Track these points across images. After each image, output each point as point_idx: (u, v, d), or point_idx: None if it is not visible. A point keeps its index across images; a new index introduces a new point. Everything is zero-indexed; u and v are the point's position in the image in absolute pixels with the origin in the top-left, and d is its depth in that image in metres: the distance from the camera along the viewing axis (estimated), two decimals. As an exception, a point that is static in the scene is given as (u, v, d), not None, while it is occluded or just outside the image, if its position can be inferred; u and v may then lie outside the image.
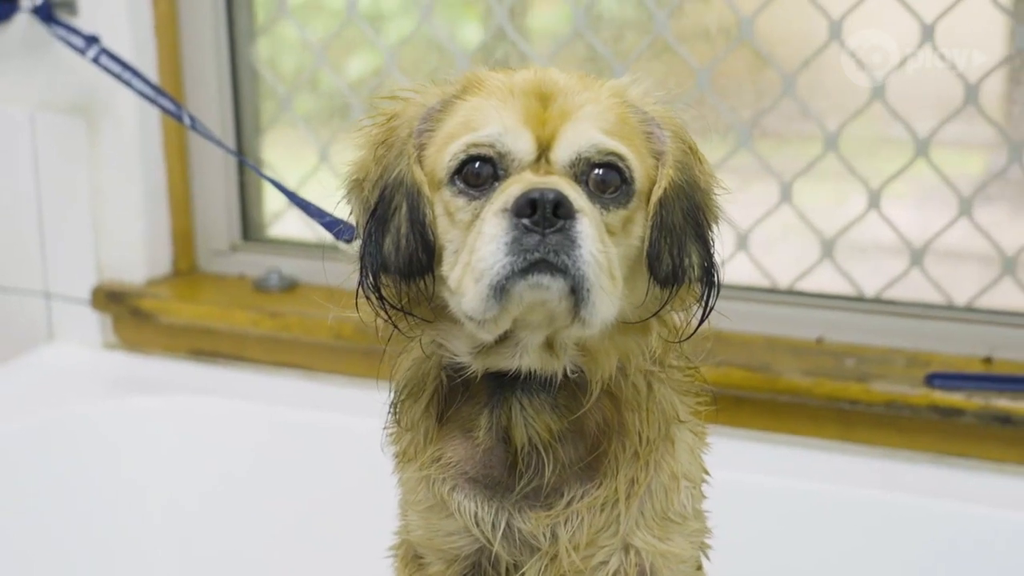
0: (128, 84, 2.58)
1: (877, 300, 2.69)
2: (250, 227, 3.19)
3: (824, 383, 2.47)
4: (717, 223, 1.57)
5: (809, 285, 2.75)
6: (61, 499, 2.75)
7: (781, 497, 2.48)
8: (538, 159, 1.46)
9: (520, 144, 1.45)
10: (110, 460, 2.81)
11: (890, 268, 2.69)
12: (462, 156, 1.46)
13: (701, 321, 1.58)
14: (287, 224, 3.17)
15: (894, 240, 2.66)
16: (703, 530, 1.68)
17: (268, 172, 3.05)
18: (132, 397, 2.90)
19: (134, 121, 2.97)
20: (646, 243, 1.49)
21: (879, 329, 2.64)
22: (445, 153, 1.47)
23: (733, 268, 2.77)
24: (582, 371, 1.53)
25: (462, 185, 1.46)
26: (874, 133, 2.68)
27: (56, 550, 2.70)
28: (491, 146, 1.46)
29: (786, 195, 2.70)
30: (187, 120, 2.45)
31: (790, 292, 2.75)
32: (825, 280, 2.74)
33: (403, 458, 1.64)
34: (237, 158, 2.74)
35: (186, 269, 3.15)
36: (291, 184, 2.50)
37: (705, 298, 1.55)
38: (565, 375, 1.52)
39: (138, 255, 3.06)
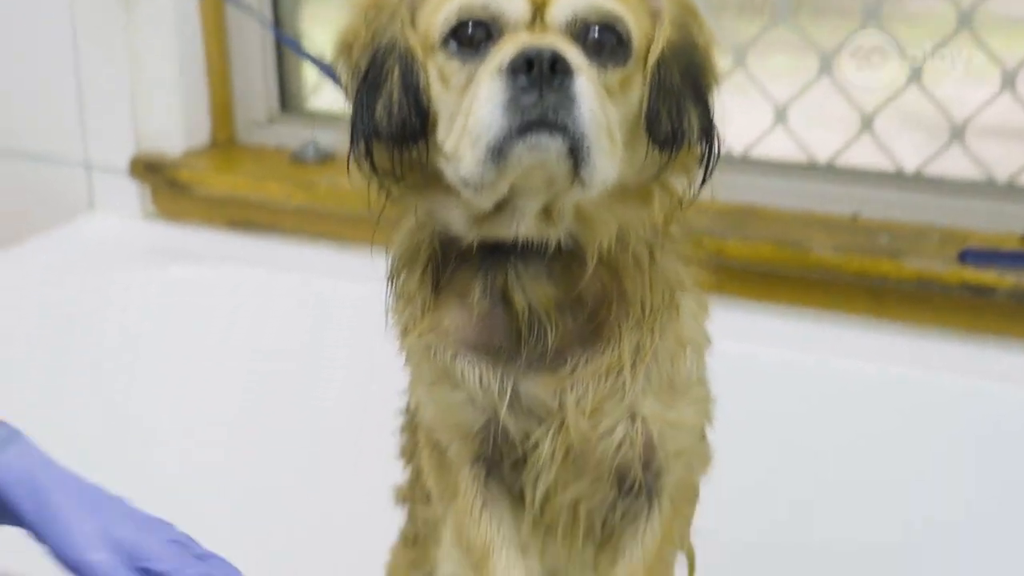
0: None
1: (916, 176, 2.64)
2: (288, 99, 3.18)
3: (855, 259, 2.43)
4: (717, 84, 1.53)
5: (847, 161, 2.70)
6: (100, 365, 2.78)
7: (809, 373, 2.45)
8: (533, 20, 1.42)
9: (514, 4, 1.42)
10: (145, 329, 2.83)
11: (930, 144, 2.63)
12: (454, 20, 1.42)
13: (702, 183, 1.53)
14: (325, 96, 3.15)
15: (935, 115, 2.61)
16: (708, 397, 1.67)
17: (307, 46, 3.04)
18: (167, 267, 2.91)
19: (170, -10, 2.96)
20: (644, 104, 1.46)
21: (916, 206, 2.59)
22: (438, 16, 1.44)
23: (771, 143, 2.74)
24: (577, 243, 1.50)
25: (455, 48, 1.43)
26: (917, 6, 2.61)
27: (92, 415, 2.73)
28: (484, 8, 1.42)
29: (826, 68, 2.65)
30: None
31: (827, 168, 2.70)
32: (864, 156, 2.69)
33: (404, 333, 1.63)
34: (272, 32, 2.71)
35: (224, 140, 3.15)
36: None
37: (705, 161, 1.51)
38: (559, 247, 1.49)
39: (176, 125, 3.06)
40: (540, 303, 1.52)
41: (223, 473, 2.80)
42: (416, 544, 1.97)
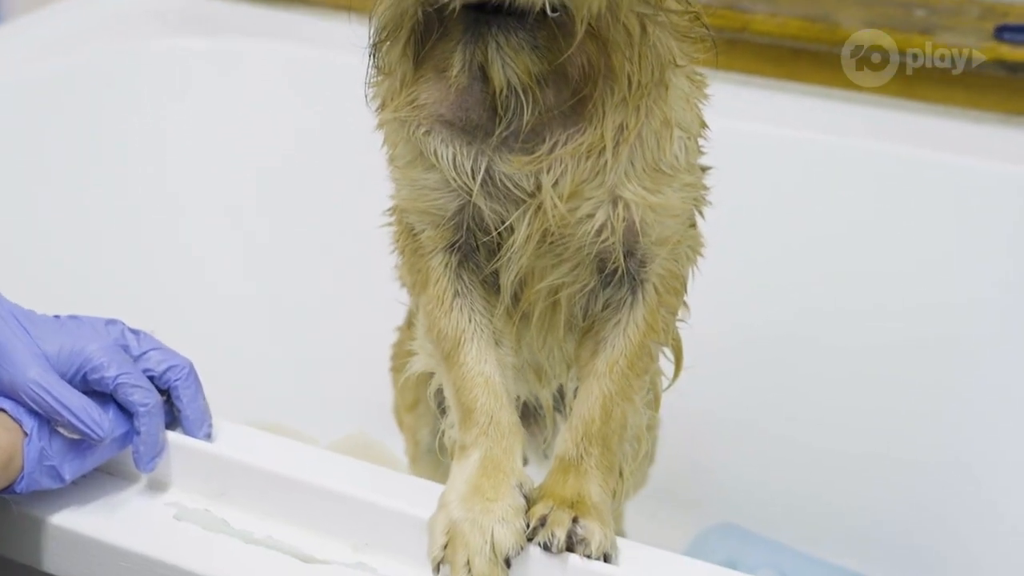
0: None
1: (959, -52, 2.50)
2: None
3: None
4: None
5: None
6: (131, 132, 2.74)
7: (836, 155, 2.37)
8: None
9: None
10: (165, 99, 2.78)
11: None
12: None
13: None
14: None
15: None
16: (698, 185, 1.57)
17: None
18: (188, 38, 2.83)
19: None
20: None
21: (956, -22, 2.46)
22: None
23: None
24: (565, 9, 1.40)
25: None
26: None
27: (112, 186, 2.70)
28: None
29: None
30: None
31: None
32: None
33: (382, 107, 1.55)
34: None
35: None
36: None
37: None
38: (544, 12, 1.39)
39: None
40: (520, 77, 1.43)
41: (239, 245, 2.78)
42: (412, 327, 1.92)
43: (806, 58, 2.41)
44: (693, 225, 1.60)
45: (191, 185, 2.77)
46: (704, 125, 1.57)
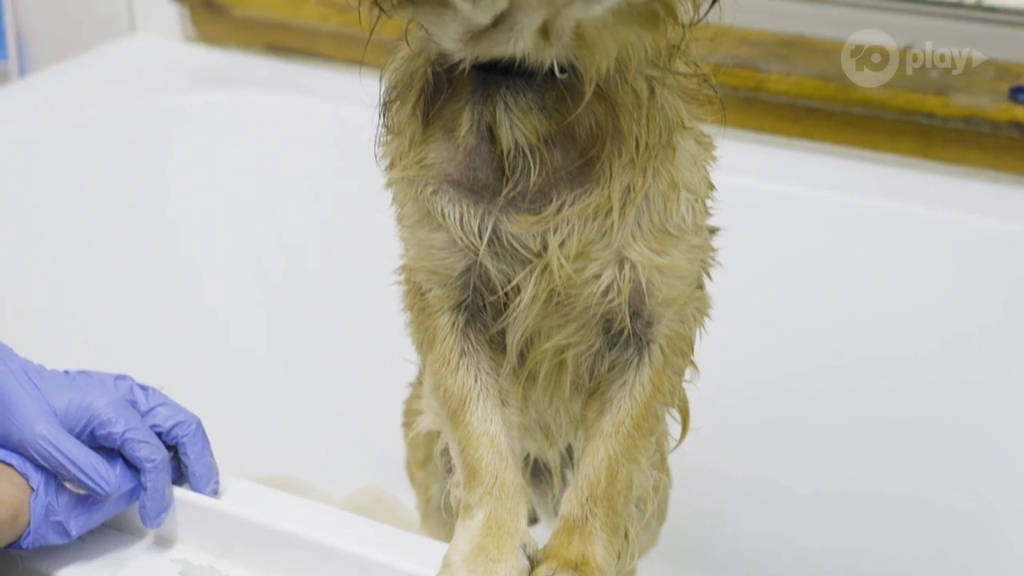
0: None
1: (975, 6, 2.49)
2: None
3: (900, 95, 2.31)
4: None
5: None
6: (135, 187, 2.75)
7: (851, 214, 2.36)
8: None
9: None
10: (179, 151, 2.80)
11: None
12: None
13: (714, 2, 1.43)
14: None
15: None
16: (705, 246, 1.57)
17: None
18: (201, 92, 2.86)
19: None
20: None
21: (974, 38, 2.44)
22: None
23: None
24: (574, 70, 1.41)
25: None
26: None
27: (125, 236, 2.72)
28: None
29: None
30: None
31: (882, -4, 2.57)
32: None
33: (391, 166, 1.56)
34: None
35: (267, -41, 3.06)
36: None
37: None
38: (552, 73, 1.40)
39: (216, -57, 2.99)
40: (528, 138, 1.43)
41: (253, 295, 2.79)
42: (422, 383, 1.93)
43: (821, 117, 2.41)
44: (700, 287, 1.60)
45: (205, 238, 2.78)
46: (711, 187, 1.57)
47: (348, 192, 2.70)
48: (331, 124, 2.75)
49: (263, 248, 2.78)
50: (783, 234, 2.38)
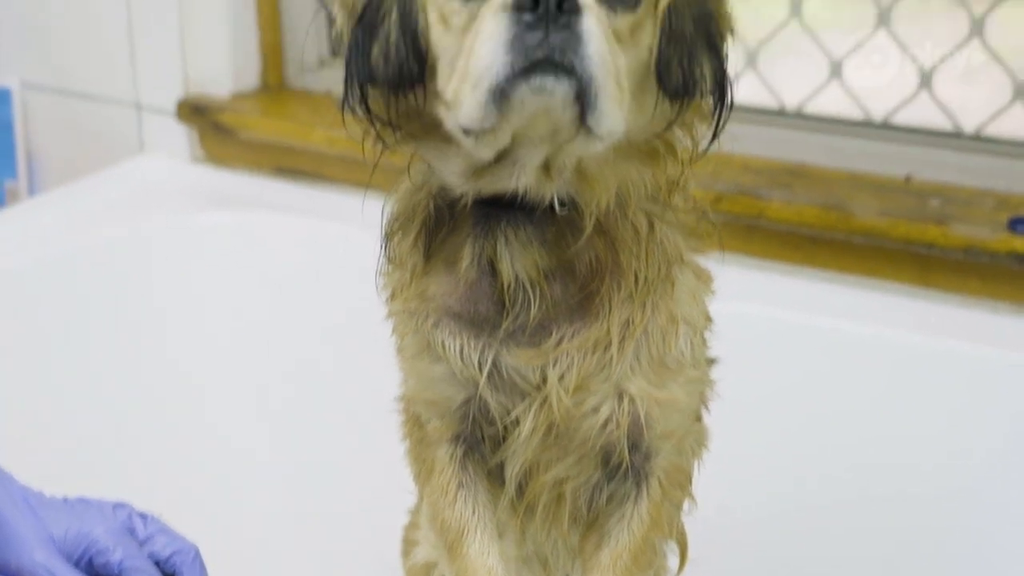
0: None
1: (975, 137, 2.52)
2: (338, 40, 3.11)
3: (900, 225, 2.33)
4: (731, 33, 1.44)
5: (904, 119, 2.59)
6: (144, 307, 2.77)
7: (851, 343, 2.37)
8: None
9: None
10: (187, 274, 2.82)
11: (992, 102, 2.51)
12: None
13: (712, 139, 1.45)
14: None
15: (997, 73, 2.49)
16: (704, 379, 1.58)
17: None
18: (209, 213, 2.88)
19: (221, -73, 2.91)
20: (654, 52, 1.37)
21: (973, 168, 2.47)
22: None
23: (825, 99, 2.64)
24: (574, 204, 1.43)
25: None
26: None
27: (135, 356, 2.72)
28: None
29: (884, 20, 2.54)
30: None
31: (883, 126, 2.59)
32: (922, 114, 2.57)
33: (392, 298, 1.57)
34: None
35: (275, 84, 3.10)
36: None
37: (717, 114, 1.43)
38: (553, 208, 1.42)
39: (224, 68, 3.02)
40: (528, 273, 1.45)
41: (258, 419, 2.79)
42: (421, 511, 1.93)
43: (822, 245, 2.43)
44: (699, 419, 1.61)
45: (212, 359, 2.79)
46: (710, 320, 1.58)
47: (354, 314, 2.71)
48: (338, 246, 2.77)
49: (268, 372, 2.79)
50: (784, 360, 2.39)
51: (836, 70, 2.60)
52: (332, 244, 2.79)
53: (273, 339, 2.79)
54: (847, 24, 2.61)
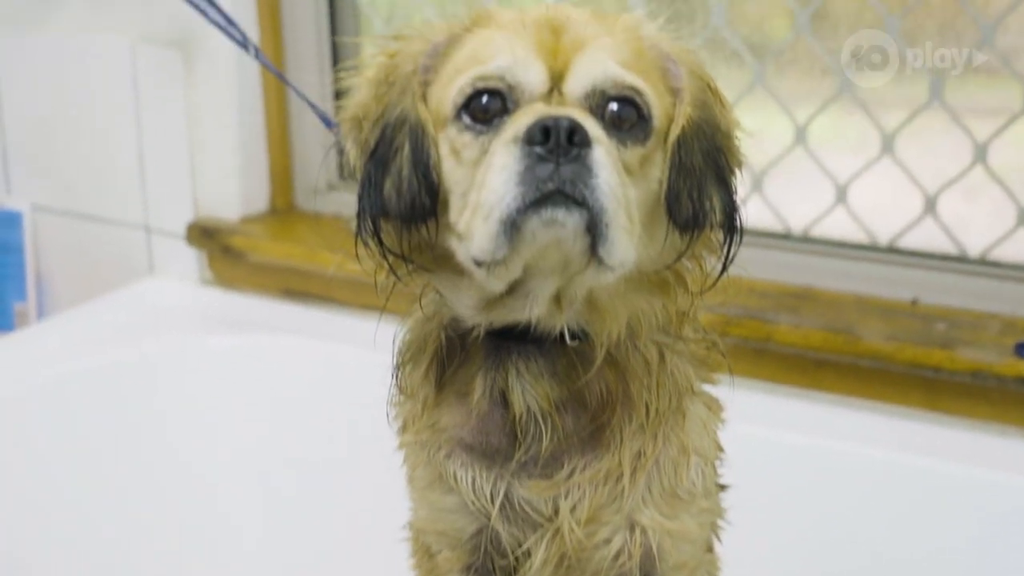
0: (204, 13, 2.55)
1: (980, 261, 2.54)
2: (348, 166, 3.14)
3: (907, 348, 2.34)
4: (740, 167, 1.47)
5: (909, 243, 2.60)
6: (153, 429, 2.77)
7: (860, 466, 2.36)
8: (550, 92, 1.37)
9: (531, 75, 1.36)
10: (197, 395, 2.83)
11: (996, 227, 2.53)
12: (469, 90, 1.37)
13: (723, 270, 1.47)
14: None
15: (1000, 197, 2.51)
16: (715, 510, 1.59)
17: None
18: (217, 336, 2.89)
19: (231, 56, 2.93)
20: (664, 185, 1.40)
21: (979, 292, 2.49)
22: (451, 88, 1.39)
23: (831, 222, 2.66)
24: (585, 336, 1.44)
25: (469, 120, 1.37)
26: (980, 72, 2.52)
27: (144, 476, 2.72)
28: (500, 78, 1.36)
29: (888, 148, 2.56)
30: (251, 51, 2.43)
31: (888, 249, 2.61)
32: (927, 238, 2.59)
33: (404, 428, 1.58)
34: (289, 86, 2.66)
35: (284, 207, 3.13)
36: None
37: (727, 245, 1.45)
38: (563, 339, 1.43)
39: (234, 192, 3.05)
40: (540, 404, 1.46)
41: (262, 547, 2.79)
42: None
43: (829, 368, 2.44)
44: (710, 549, 1.61)
45: (220, 480, 2.79)
46: (721, 449, 1.59)
47: (361, 439, 2.72)
48: (346, 368, 2.77)
49: (276, 497, 2.79)
50: (793, 483, 2.38)
51: (841, 194, 2.62)
52: (341, 367, 2.80)
53: (281, 463, 2.79)
54: (851, 147, 2.63)
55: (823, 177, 2.64)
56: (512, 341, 1.46)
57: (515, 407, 1.46)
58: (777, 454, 2.39)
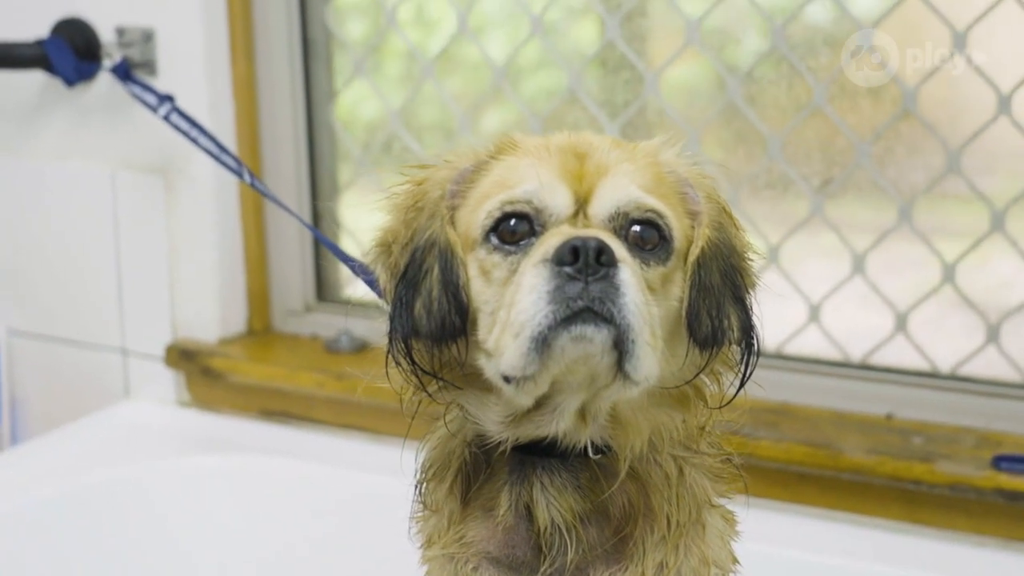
0: (195, 142, 2.61)
1: (951, 376, 2.61)
2: (324, 287, 3.20)
3: (887, 462, 2.40)
4: (754, 287, 1.54)
5: (882, 359, 2.68)
6: (132, 552, 2.76)
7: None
8: (575, 214, 1.44)
9: (557, 199, 1.44)
10: (176, 517, 2.82)
11: (966, 343, 2.61)
12: (497, 214, 1.44)
13: (740, 386, 1.54)
14: (361, 286, 3.16)
15: (969, 315, 2.59)
16: (732, 619, 1.63)
17: (344, 233, 3.07)
18: (199, 457, 2.90)
19: (211, 181, 2.99)
20: (685, 303, 1.47)
21: (951, 406, 2.57)
22: (479, 212, 1.46)
23: (804, 340, 2.72)
24: (608, 449, 1.49)
25: (498, 242, 1.44)
26: (948, 194, 2.62)
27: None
28: (528, 202, 1.44)
29: (859, 267, 2.64)
30: (247, 177, 2.49)
31: (861, 366, 2.68)
32: (898, 355, 2.67)
33: (428, 543, 1.61)
34: (287, 211, 2.71)
35: (261, 328, 3.16)
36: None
37: (744, 362, 1.52)
38: (586, 453, 1.48)
39: (212, 314, 3.08)
40: (564, 517, 1.51)
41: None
42: None
43: (810, 483, 2.49)
44: (725, 657, 1.65)
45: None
46: (736, 561, 1.64)
47: (342, 555, 2.74)
48: (327, 488, 2.80)
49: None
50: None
51: (815, 313, 2.69)
52: (320, 487, 2.82)
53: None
54: (823, 266, 2.71)
55: (796, 296, 2.71)
56: (537, 455, 1.51)
57: (540, 520, 1.51)
58: (758, 567, 2.42)
